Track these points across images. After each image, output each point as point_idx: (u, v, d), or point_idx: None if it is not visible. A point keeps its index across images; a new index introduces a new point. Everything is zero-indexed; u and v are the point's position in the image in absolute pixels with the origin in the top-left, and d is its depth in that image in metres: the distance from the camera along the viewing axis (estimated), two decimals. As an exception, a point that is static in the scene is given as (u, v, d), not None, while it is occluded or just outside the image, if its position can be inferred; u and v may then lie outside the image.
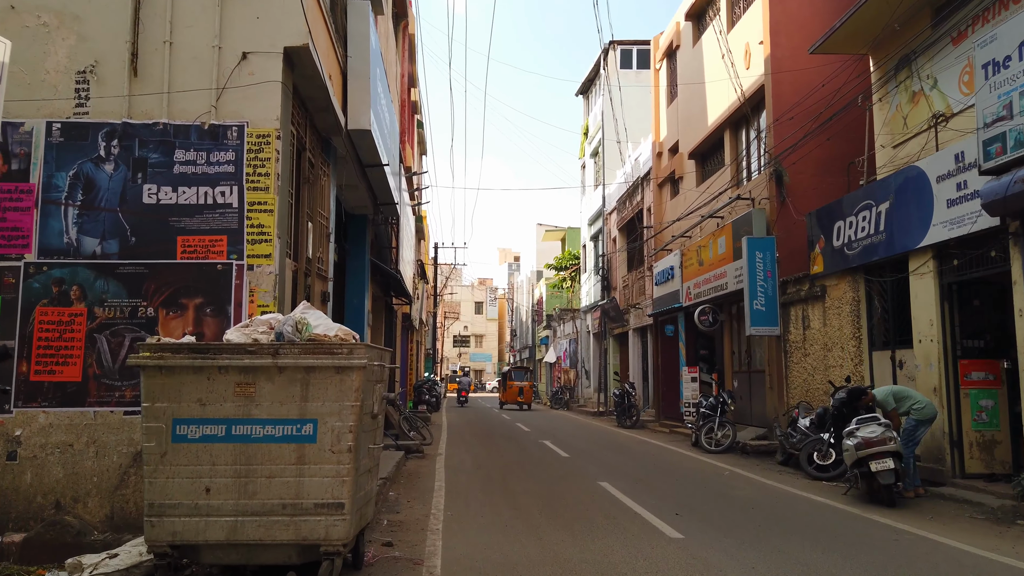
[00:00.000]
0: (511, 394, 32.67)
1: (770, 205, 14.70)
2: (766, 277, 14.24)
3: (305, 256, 7.34)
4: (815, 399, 12.83)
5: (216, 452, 4.75)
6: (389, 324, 16.86)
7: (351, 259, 12.32)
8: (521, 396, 32.25)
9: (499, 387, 66.88)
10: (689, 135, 19.82)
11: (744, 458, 13.28)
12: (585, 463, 12.34)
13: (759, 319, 14.12)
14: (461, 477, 10.49)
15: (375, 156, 9.38)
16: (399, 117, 18.56)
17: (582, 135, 36.39)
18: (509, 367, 34.83)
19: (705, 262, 17.65)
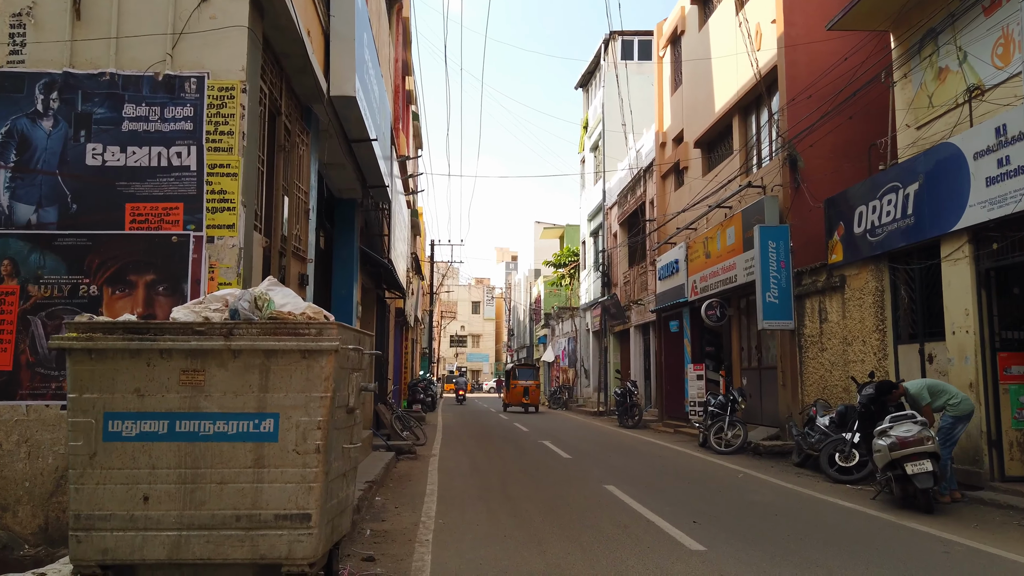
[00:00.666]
0: (515, 395, 28.96)
1: (783, 192, 13.92)
2: (779, 268, 13.46)
3: (280, 232, 6.54)
4: (833, 396, 12.05)
5: (157, 453, 3.95)
6: (381, 318, 16.05)
7: (338, 246, 11.52)
8: (527, 397, 28.49)
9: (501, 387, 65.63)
10: (695, 123, 19.04)
11: (757, 459, 12.50)
12: (589, 465, 11.54)
13: (772, 312, 13.34)
14: (456, 480, 9.69)
15: (362, 130, 8.58)
16: (392, 104, 17.75)
17: (581, 129, 35.61)
18: (513, 364, 29.90)
19: (712, 254, 16.86)
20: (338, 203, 11.54)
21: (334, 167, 9.91)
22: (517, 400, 28.76)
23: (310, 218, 7.33)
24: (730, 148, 17.29)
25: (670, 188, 21.53)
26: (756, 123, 15.96)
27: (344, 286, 11.46)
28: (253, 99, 5.53)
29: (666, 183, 21.92)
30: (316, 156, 7.85)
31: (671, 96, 21.61)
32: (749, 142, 16.27)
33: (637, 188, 24.96)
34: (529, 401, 28.54)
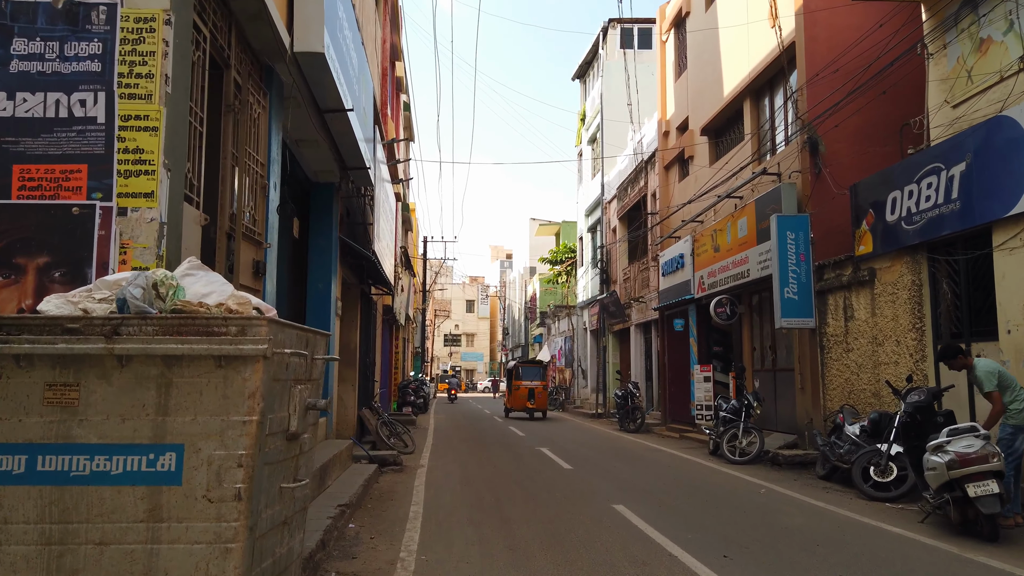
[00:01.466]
0: (518, 398, 24.38)
1: (802, 179, 12.82)
2: (799, 261, 12.36)
3: (227, 210, 5.39)
4: (861, 402, 10.96)
5: (10, 502, 2.81)
6: (366, 316, 14.90)
7: (315, 234, 10.37)
8: (532, 401, 24.15)
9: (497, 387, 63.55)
10: (701, 109, 17.94)
11: (776, 471, 11.40)
12: (592, 477, 10.42)
13: (791, 309, 12.24)
14: (444, 498, 8.55)
15: (335, 97, 7.44)
16: (380, 87, 16.59)
17: (579, 121, 34.49)
18: (516, 361, 24.69)
19: (722, 248, 15.76)
20: (315, 188, 10.40)
21: (307, 144, 8.76)
22: (520, 404, 24.34)
23: (269, 196, 6.18)
24: (740, 134, 16.19)
25: (674, 179, 20.42)
26: (770, 106, 14.86)
27: (321, 280, 10.31)
28: (183, 37, 4.38)
29: (670, 174, 20.81)
30: (279, 124, 6.70)
31: (675, 82, 20.50)
32: (762, 127, 15.16)
33: (638, 180, 23.85)
34: (535, 406, 24.25)
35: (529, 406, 24.24)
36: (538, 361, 26.95)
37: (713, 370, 16.80)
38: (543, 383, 24.82)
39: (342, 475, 8.80)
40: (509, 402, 25.35)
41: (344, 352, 13.41)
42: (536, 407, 24.38)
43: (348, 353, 13.44)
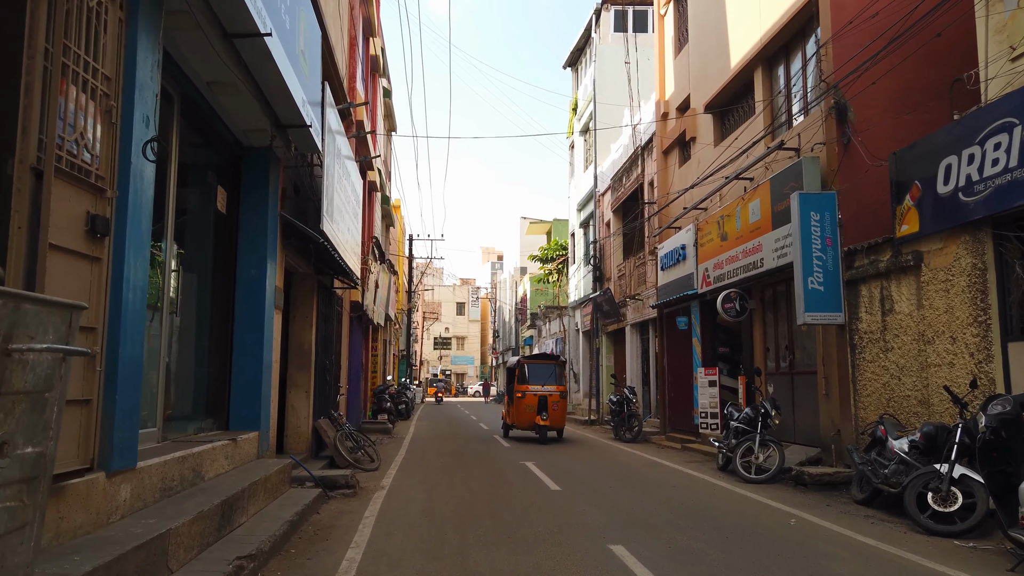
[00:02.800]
0: (523, 411, 16.90)
1: (826, 152, 11.07)
2: (825, 246, 10.60)
3: (32, 136, 3.57)
4: (904, 411, 9.21)
5: None
6: (327, 313, 13.06)
7: (247, 211, 8.54)
8: (544, 415, 16.64)
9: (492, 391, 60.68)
10: (705, 85, 16.20)
11: (801, 493, 9.62)
12: (584, 503, 8.61)
13: (816, 302, 10.48)
14: (395, 538, 6.72)
15: (242, 16, 5.62)
16: (347, 57, 14.78)
17: (570, 111, 32.76)
18: (520, 357, 18.37)
19: (730, 236, 14.00)
20: (247, 154, 8.56)
21: (223, 89, 6.94)
22: (527, 421, 16.86)
23: (115, 123, 4.36)
24: (750, 109, 14.45)
25: (673, 164, 18.66)
26: (786, 74, 13.12)
27: (254, 265, 8.48)
28: None
29: (668, 159, 19.05)
30: (154, 38, 4.88)
31: (674, 59, 18.76)
32: (775, 98, 13.42)
33: (634, 169, 22.09)
34: (549, 422, 16.71)
35: (540, 422, 16.58)
36: (552, 356, 19.23)
37: (719, 373, 15.03)
38: (560, 388, 17.13)
39: (266, 507, 6.97)
40: (510, 416, 17.66)
41: (295, 353, 11.57)
42: (550, 424, 16.75)
43: (301, 354, 11.60)
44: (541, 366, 17.76)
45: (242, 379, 8.32)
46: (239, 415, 8.28)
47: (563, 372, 18.07)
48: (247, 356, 8.35)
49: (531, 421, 16.77)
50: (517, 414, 17.09)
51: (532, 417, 16.73)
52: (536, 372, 17.43)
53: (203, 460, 6.33)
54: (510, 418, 17.77)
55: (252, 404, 8.32)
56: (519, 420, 17.07)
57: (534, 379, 17.18)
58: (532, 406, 16.73)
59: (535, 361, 18.13)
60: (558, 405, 16.95)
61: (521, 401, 16.97)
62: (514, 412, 17.26)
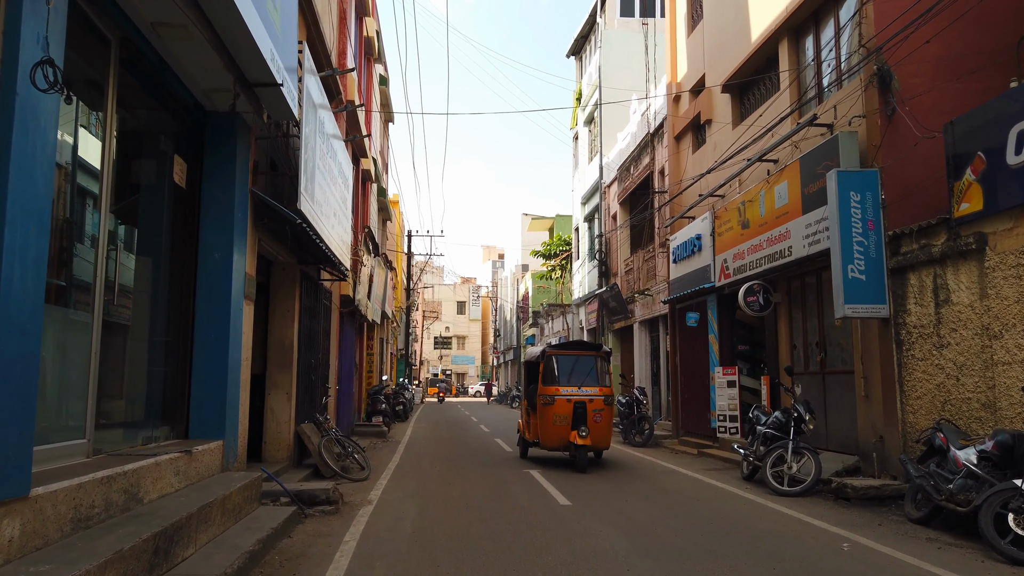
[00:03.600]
0: (554, 425, 11.75)
1: (866, 125, 9.93)
2: (866, 230, 9.45)
3: None
4: (964, 416, 8.06)
5: None
6: (312, 307, 11.92)
7: (212, 185, 7.41)
8: (583, 431, 11.48)
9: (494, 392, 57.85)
10: (722, 63, 15.05)
11: (844, 508, 8.48)
12: (599, 521, 7.47)
13: (857, 293, 9.34)
14: (377, 571, 5.59)
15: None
16: (338, 29, 13.66)
17: (574, 101, 31.61)
18: (545, 347, 12.90)
19: (752, 223, 12.86)
20: (212, 120, 7.44)
21: (172, 32, 5.82)
22: (558, 438, 11.79)
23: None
24: (774, 85, 13.30)
25: (687, 150, 17.51)
26: (815, 43, 11.97)
27: (219, 247, 7.35)
28: None
29: (681, 145, 17.90)
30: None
31: (687, 38, 17.60)
32: (804, 71, 12.27)
33: (643, 157, 20.94)
34: (589, 441, 11.58)
35: (578, 441, 11.34)
36: (591, 344, 13.44)
37: (739, 373, 13.89)
38: (604, 390, 11.99)
39: (224, 533, 5.83)
40: (532, 430, 12.54)
41: (275, 350, 10.45)
42: (591, 443, 11.66)
43: (281, 351, 10.47)
44: (577, 359, 12.22)
45: (204, 380, 7.19)
46: (201, 421, 7.15)
47: (607, 367, 12.57)
48: (210, 353, 7.22)
49: (563, 439, 11.59)
50: (543, 428, 11.76)
51: (564, 433, 11.55)
52: (570, 368, 12.07)
53: (141, 479, 5.20)
54: (531, 433, 12.48)
55: (215, 408, 7.19)
56: (546, 437, 11.80)
57: (567, 377, 11.94)
58: (565, 417, 11.50)
59: (568, 352, 12.46)
60: (602, 416, 11.59)
61: (548, 410, 11.63)
62: (538, 425, 11.97)
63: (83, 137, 5.44)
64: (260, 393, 10.38)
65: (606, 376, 12.48)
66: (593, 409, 11.63)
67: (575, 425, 11.56)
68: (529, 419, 12.79)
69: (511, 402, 42.50)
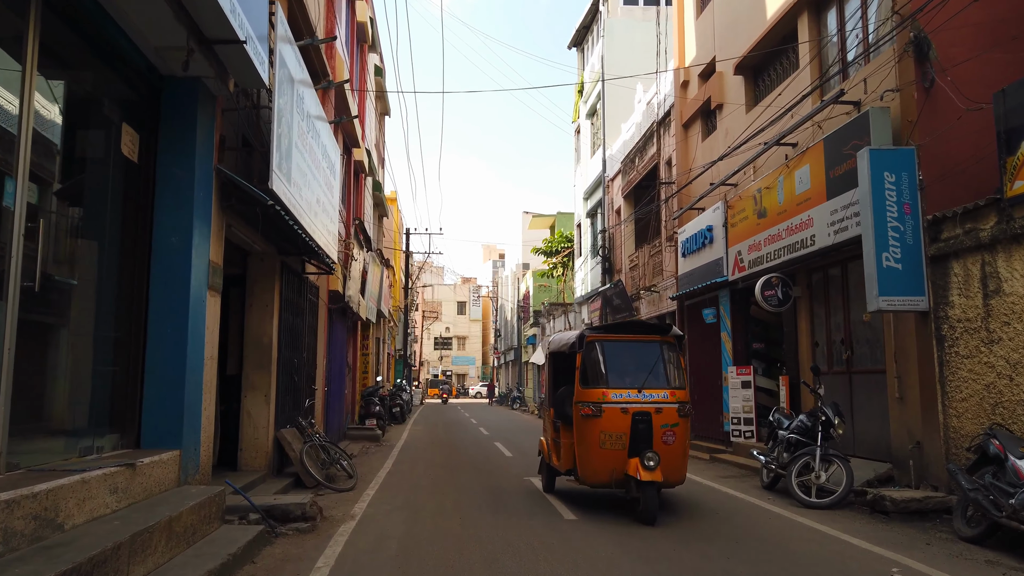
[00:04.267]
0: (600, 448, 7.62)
1: (900, 100, 9.04)
2: (902, 213, 8.56)
3: None
4: (1020, 420, 7.16)
5: None
6: (295, 302, 11.02)
7: (167, 160, 6.54)
8: (652, 459, 7.32)
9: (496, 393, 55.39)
10: (734, 44, 14.16)
11: (884, 523, 7.58)
12: (608, 542, 6.57)
13: (892, 284, 8.44)
14: (349, 607, 4.70)
15: None
16: (325, 5, 12.80)
17: (576, 94, 30.73)
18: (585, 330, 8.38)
19: (770, 211, 11.97)
20: (168, 86, 6.55)
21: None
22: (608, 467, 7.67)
23: None
24: (792, 64, 12.43)
25: (695, 138, 16.63)
26: (839, 15, 11.07)
27: (177, 231, 6.46)
28: None
29: (690, 132, 17.01)
30: None
31: (696, 20, 16.72)
32: (826, 47, 11.38)
33: (648, 147, 20.05)
34: (660, 476, 7.37)
35: (642, 475, 7.34)
36: (654, 324, 9.04)
37: (754, 373, 13.00)
38: (676, 393, 7.89)
39: (170, 561, 4.93)
40: (564, 455, 8.60)
41: (252, 348, 9.56)
42: (663, 479, 7.48)
43: (259, 350, 9.58)
44: (634, 347, 8.24)
45: (158, 381, 6.30)
46: (154, 429, 6.27)
47: (679, 358, 8.39)
48: (166, 351, 6.34)
49: (615, 469, 7.62)
50: (584, 453, 7.80)
51: (617, 461, 7.59)
52: (624, 359, 8.09)
53: (60, 500, 4.31)
54: (562, 458, 8.57)
55: (172, 414, 6.30)
56: (588, 466, 7.79)
57: (621, 375, 7.93)
58: (618, 436, 7.58)
59: (620, 336, 8.42)
60: (675, 434, 7.65)
61: (592, 425, 7.65)
62: (574, 448, 8.05)
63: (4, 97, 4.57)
64: (236, 395, 9.50)
65: (679, 372, 8.19)
66: (662, 424, 7.56)
67: (635, 449, 7.49)
68: (559, 437, 8.64)
69: (512, 404, 41.59)
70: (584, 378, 8.01)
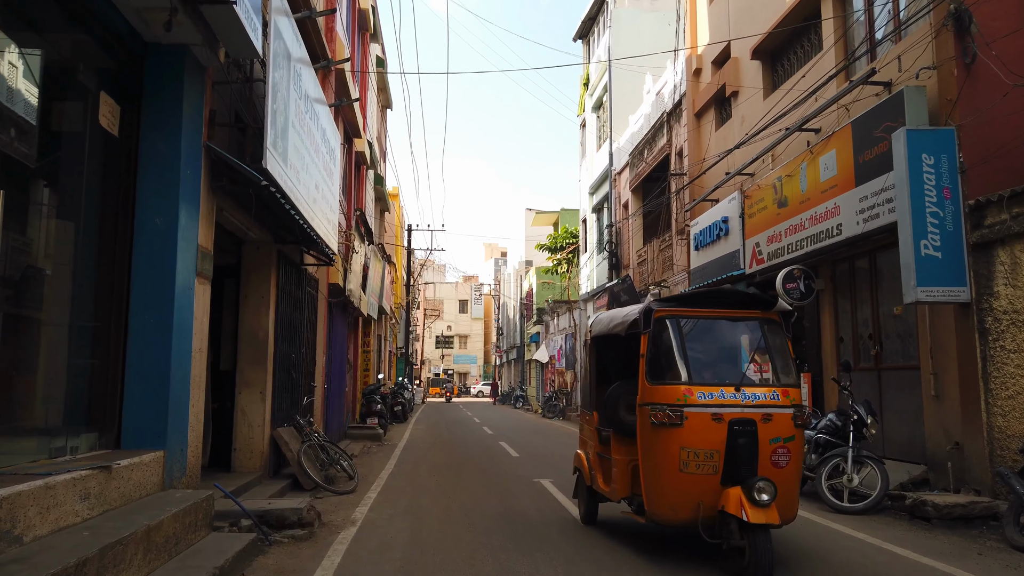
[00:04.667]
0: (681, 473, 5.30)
1: (937, 78, 8.48)
2: (941, 198, 8.00)
3: None
4: (1077, 419, 6.60)
5: None
6: (293, 294, 10.48)
7: (151, 135, 5.99)
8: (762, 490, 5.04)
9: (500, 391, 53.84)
10: (751, 28, 13.59)
11: (925, 530, 7.03)
12: (631, 547, 6.02)
13: (931, 273, 7.88)
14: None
15: None
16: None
17: (581, 87, 30.16)
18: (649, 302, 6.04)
19: (792, 200, 11.42)
20: (152, 54, 6.01)
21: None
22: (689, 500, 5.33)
23: None
24: (814, 46, 11.87)
25: (708, 127, 16.07)
26: (867, -9, 10.52)
27: (161, 210, 5.92)
28: None
29: (702, 122, 16.46)
30: None
31: (709, 5, 16.15)
32: (851, 27, 10.82)
33: (658, 139, 19.49)
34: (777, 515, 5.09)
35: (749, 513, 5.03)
36: (750, 295, 6.22)
37: (773, 370, 12.40)
38: (788, 393, 5.54)
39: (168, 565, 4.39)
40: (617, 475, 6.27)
41: (247, 342, 9.02)
42: (778, 519, 5.13)
43: (254, 344, 9.04)
44: (725, 325, 6.06)
45: (141, 376, 5.77)
46: (136, 428, 5.73)
47: (787, 342, 5.97)
48: (149, 342, 5.80)
49: (706, 502, 5.34)
50: (656, 478, 5.55)
51: (707, 491, 5.35)
52: (712, 342, 5.98)
53: (18, 509, 3.77)
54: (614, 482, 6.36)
55: (155, 411, 5.76)
56: (663, 497, 5.53)
57: (707, 364, 5.77)
58: (709, 454, 5.34)
59: (706, 312, 6.02)
60: (789, 452, 5.46)
61: (669, 436, 5.42)
62: (640, 467, 5.78)
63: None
64: (230, 392, 8.96)
65: (789, 362, 5.84)
66: (772, 437, 5.36)
67: (733, 474, 5.28)
68: (607, 452, 6.43)
69: (514, 402, 41.03)
70: (654, 370, 5.63)
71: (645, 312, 5.88)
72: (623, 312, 6.56)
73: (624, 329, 6.31)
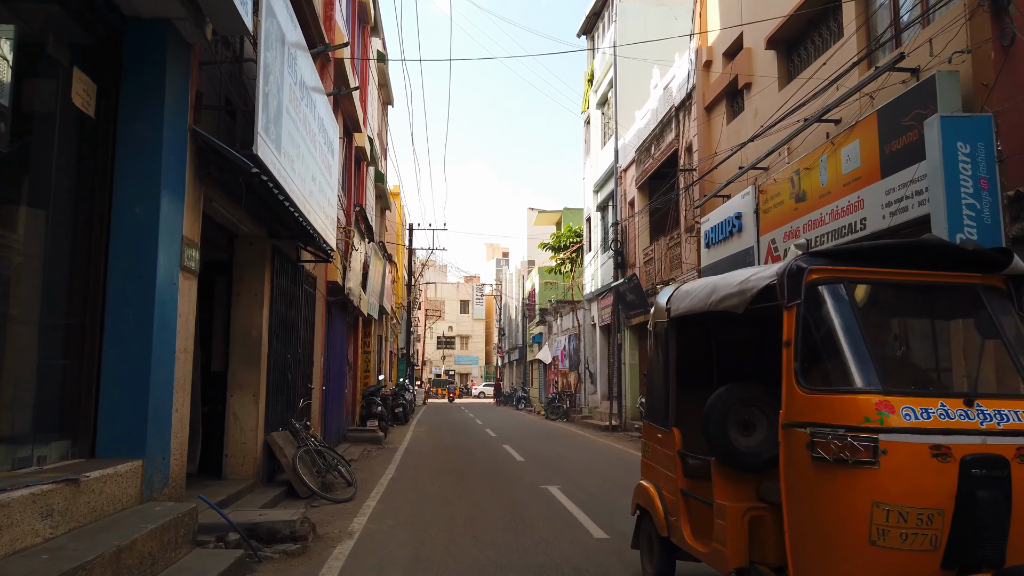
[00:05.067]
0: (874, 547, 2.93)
1: (972, 62, 7.98)
2: (978, 189, 7.51)
3: None
4: None
5: None
6: (289, 292, 10.00)
7: (130, 117, 5.52)
8: None
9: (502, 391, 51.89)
10: (765, 15, 13.09)
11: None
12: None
13: (967, 269, 7.37)
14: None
15: None
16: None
17: (585, 83, 29.68)
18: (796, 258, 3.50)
19: (811, 194, 10.93)
20: (132, 28, 5.52)
21: None
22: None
23: None
24: (832, 34, 11.38)
25: (720, 121, 15.58)
26: (892, -26, 10.02)
27: (142, 199, 5.44)
28: None
29: (713, 116, 15.97)
30: None
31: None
32: (875, 12, 10.33)
33: (666, 134, 19.00)
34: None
35: None
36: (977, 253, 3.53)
37: (789, 371, 11.90)
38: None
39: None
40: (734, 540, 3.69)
41: (239, 342, 8.54)
42: None
43: (247, 344, 8.56)
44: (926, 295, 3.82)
45: (119, 378, 5.29)
46: (112, 434, 5.25)
47: (1020, 324, 3.52)
48: (128, 342, 5.32)
49: None
50: (825, 551, 3.14)
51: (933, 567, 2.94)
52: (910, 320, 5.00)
53: (-38, 533, 3.29)
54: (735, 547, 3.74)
55: (134, 416, 5.28)
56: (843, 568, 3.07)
57: (908, 360, 5.02)
58: (929, 516, 2.97)
59: (893, 275, 3.53)
60: None
61: (852, 482, 3.06)
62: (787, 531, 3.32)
63: None
64: (221, 395, 8.49)
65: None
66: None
67: (968, 548, 3.02)
68: (705, 491, 4.22)
69: (517, 404, 40.55)
70: (811, 369, 3.44)
71: (791, 273, 3.48)
72: (737, 277, 4.02)
73: (744, 303, 3.78)
